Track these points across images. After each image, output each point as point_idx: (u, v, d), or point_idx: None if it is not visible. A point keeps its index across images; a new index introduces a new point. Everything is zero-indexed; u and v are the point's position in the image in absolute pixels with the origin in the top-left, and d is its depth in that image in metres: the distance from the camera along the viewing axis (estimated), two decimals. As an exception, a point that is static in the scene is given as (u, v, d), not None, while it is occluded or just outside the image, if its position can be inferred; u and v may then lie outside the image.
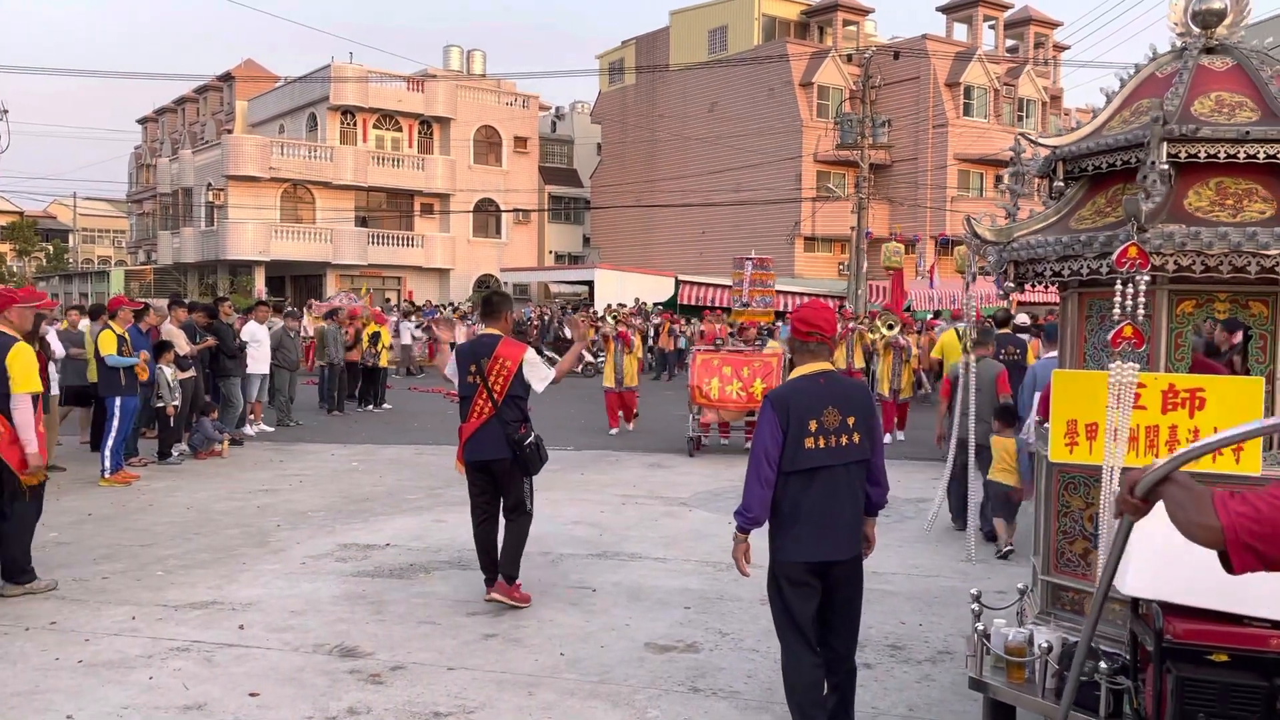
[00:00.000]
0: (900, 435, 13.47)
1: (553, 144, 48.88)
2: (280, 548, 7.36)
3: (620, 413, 14.11)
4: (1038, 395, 6.84)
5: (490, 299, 6.25)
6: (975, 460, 6.55)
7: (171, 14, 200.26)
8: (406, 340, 25.66)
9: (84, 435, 11.84)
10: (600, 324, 18.54)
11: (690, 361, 12.22)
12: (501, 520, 6.05)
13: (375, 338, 16.77)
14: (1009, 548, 7.25)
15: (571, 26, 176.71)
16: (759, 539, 3.91)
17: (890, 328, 13.87)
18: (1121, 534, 2.70)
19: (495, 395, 5.84)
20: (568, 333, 25.13)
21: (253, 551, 7.24)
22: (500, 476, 5.94)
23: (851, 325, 14.87)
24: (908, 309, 21.67)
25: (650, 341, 25.00)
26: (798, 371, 3.97)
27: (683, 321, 26.38)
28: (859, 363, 14.80)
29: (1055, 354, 7.61)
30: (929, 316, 23.22)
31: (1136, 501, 2.40)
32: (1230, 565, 2.17)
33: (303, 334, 18.43)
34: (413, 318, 27.46)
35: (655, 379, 23.57)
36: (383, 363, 17.00)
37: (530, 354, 5.99)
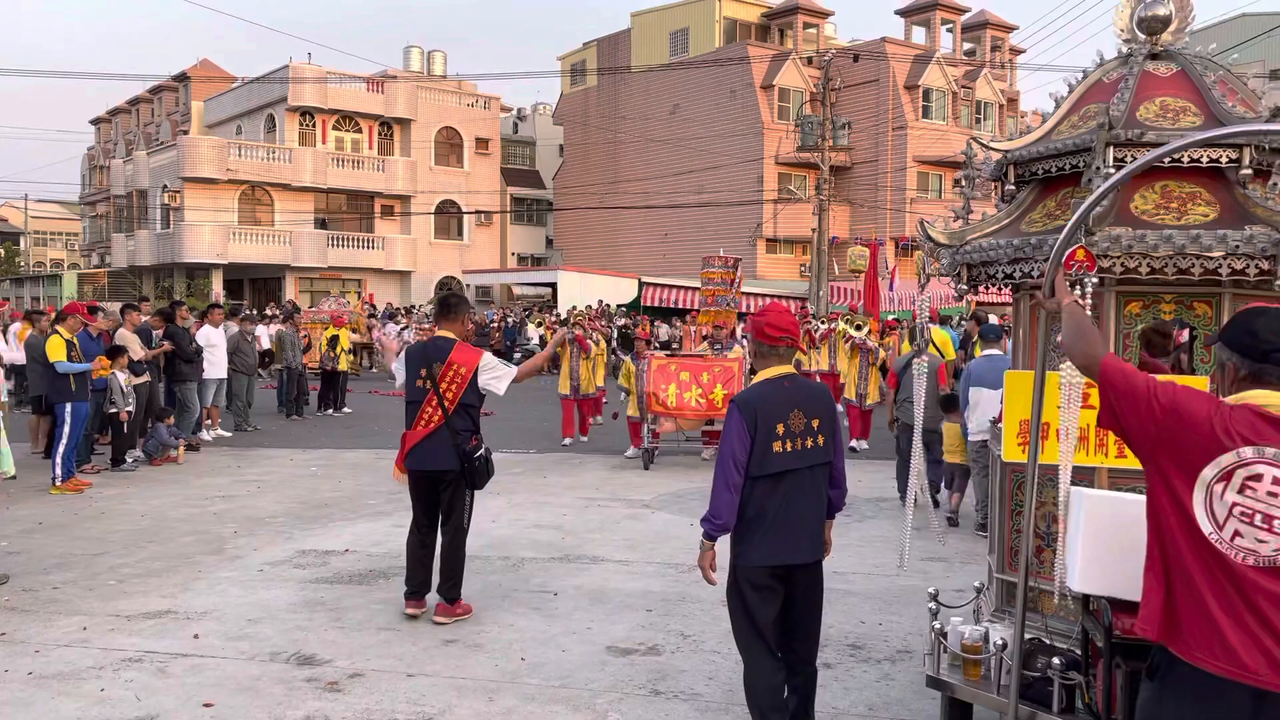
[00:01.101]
0: (864, 444, 12.75)
1: (514, 145, 48.72)
2: (237, 555, 7.26)
3: (578, 422, 13.18)
4: (991, 395, 7.07)
5: (447, 300, 5.95)
6: (922, 444, 6.75)
7: (127, 14, 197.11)
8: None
9: (36, 444, 11.60)
10: (562, 326, 18.41)
11: (645, 368, 11.13)
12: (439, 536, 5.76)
13: (334, 341, 16.62)
14: (950, 515, 8.42)
15: (533, 28, 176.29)
16: (721, 543, 3.92)
17: (858, 328, 13.77)
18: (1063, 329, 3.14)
19: (446, 403, 5.57)
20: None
21: (209, 559, 7.14)
22: (443, 489, 5.69)
23: (833, 327, 14.58)
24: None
25: (615, 343, 24.94)
26: (762, 375, 3.95)
27: (650, 322, 26.42)
28: (841, 366, 13.94)
29: (991, 352, 8.00)
30: (889, 318, 23.44)
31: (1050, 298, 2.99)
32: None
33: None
34: (400, 319, 27.28)
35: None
36: (342, 366, 16.85)
37: (487, 358, 5.72)
